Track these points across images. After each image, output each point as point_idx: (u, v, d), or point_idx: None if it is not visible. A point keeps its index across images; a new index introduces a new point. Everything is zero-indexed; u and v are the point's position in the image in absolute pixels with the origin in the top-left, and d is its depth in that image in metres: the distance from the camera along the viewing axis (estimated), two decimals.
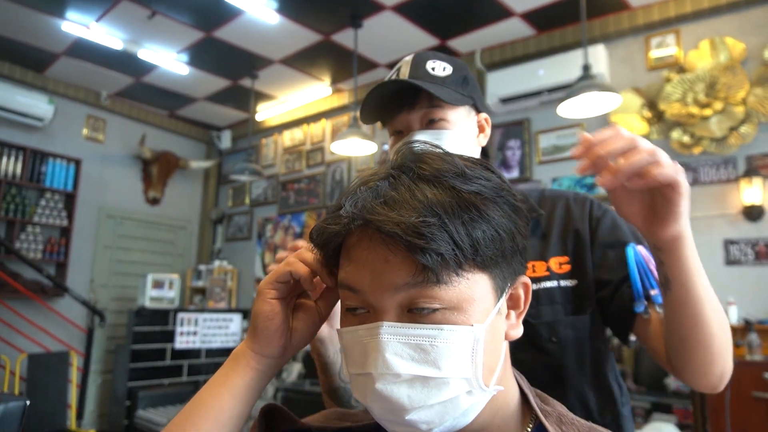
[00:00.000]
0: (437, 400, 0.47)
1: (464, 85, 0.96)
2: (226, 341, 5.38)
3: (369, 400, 0.49)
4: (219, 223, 6.49)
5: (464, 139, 0.94)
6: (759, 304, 3.10)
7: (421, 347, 0.47)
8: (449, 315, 0.47)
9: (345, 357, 0.53)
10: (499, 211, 0.49)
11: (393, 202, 0.47)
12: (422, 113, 0.93)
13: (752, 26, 3.34)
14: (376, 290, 0.48)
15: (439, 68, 0.94)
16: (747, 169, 3.21)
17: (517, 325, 0.54)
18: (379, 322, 0.48)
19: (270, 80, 5.01)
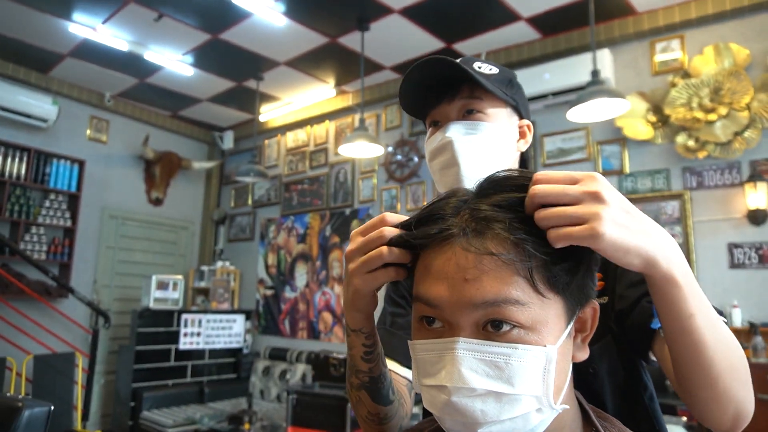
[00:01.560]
0: (509, 416, 0.49)
1: (509, 86, 0.95)
2: (229, 342, 5.40)
3: (442, 412, 0.51)
4: (221, 224, 6.49)
5: (501, 136, 0.92)
6: (763, 307, 3.14)
7: (496, 364, 0.49)
8: (524, 335, 0.49)
9: (417, 368, 0.55)
10: None
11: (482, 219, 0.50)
12: (461, 104, 0.91)
13: (756, 32, 3.39)
14: (455, 307, 0.50)
15: (485, 68, 0.94)
16: (751, 173, 3.25)
17: (583, 347, 0.56)
18: (456, 338, 0.50)
19: (274, 82, 5.02)
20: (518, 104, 0.96)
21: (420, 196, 4.77)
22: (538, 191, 0.48)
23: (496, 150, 0.92)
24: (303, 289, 5.50)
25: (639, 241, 0.48)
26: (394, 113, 5.09)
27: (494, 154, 0.92)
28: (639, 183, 3.68)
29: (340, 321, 5.11)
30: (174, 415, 4.42)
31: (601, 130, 3.87)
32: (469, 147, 0.90)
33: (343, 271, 5.14)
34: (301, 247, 5.62)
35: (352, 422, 2.61)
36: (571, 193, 0.48)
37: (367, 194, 5.15)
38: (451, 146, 0.90)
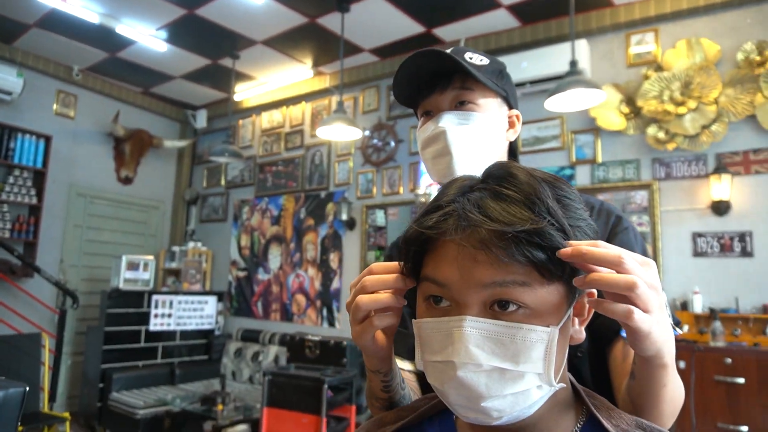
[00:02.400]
0: (511, 391, 0.52)
1: (499, 77, 0.97)
2: (201, 323, 5.36)
3: (447, 386, 0.53)
4: (193, 204, 6.39)
5: (492, 126, 0.95)
6: (723, 294, 3.29)
7: (502, 342, 0.51)
8: (529, 315, 0.52)
9: (421, 345, 0.57)
10: (584, 230, 0.54)
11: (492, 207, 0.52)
12: (453, 95, 0.93)
13: (727, 29, 3.49)
14: (463, 286, 0.53)
15: (476, 59, 0.96)
16: (716, 166, 3.38)
17: (580, 331, 0.59)
18: (464, 316, 0.52)
19: (251, 61, 4.93)
20: (508, 95, 0.98)
21: (396, 180, 4.79)
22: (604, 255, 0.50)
23: (487, 140, 0.95)
24: (276, 271, 5.48)
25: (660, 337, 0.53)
26: (372, 96, 5.07)
27: (485, 143, 0.94)
28: (610, 172, 3.77)
29: (314, 303, 5.13)
30: (144, 397, 4.38)
31: (575, 120, 3.94)
32: (461, 137, 0.92)
33: (317, 253, 5.15)
34: (275, 229, 5.58)
35: (328, 403, 2.64)
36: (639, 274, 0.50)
37: (343, 177, 5.14)
38: (444, 136, 0.93)
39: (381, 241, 4.94)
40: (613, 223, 0.91)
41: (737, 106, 3.35)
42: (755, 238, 3.25)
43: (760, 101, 3.27)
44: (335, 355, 3.19)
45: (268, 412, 2.72)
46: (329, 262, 5.10)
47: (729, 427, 2.89)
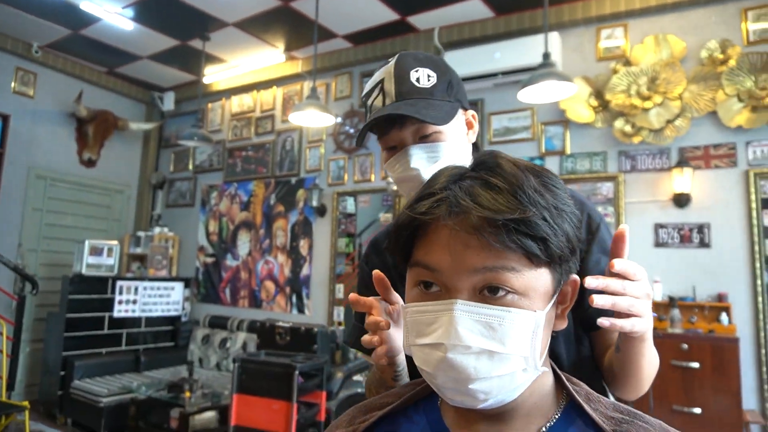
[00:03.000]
0: (498, 374, 0.53)
1: (449, 90, 0.96)
2: (167, 310, 5.28)
3: (436, 368, 0.54)
4: (159, 189, 6.25)
5: (458, 144, 0.96)
6: (681, 283, 3.43)
7: (490, 325, 0.53)
8: (517, 300, 0.53)
9: (411, 329, 0.58)
10: (568, 217, 0.56)
11: (482, 194, 0.53)
12: (414, 129, 0.93)
13: (693, 26, 3.59)
14: (454, 271, 0.54)
15: (423, 78, 0.93)
16: (679, 159, 3.49)
17: (563, 317, 0.61)
18: (454, 300, 0.53)
19: (221, 43, 4.82)
20: (461, 101, 0.98)
21: (368, 168, 4.79)
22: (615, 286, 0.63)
23: (456, 156, 0.95)
24: (245, 258, 5.42)
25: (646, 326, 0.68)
26: (345, 83, 5.03)
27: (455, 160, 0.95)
28: (578, 164, 3.86)
29: (283, 290, 5.10)
30: (108, 384, 4.30)
31: (546, 112, 4.01)
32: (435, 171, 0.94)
33: (287, 240, 5.12)
34: (244, 214, 5.52)
35: (299, 389, 2.65)
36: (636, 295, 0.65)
37: (314, 164, 5.10)
38: (419, 177, 0.93)
39: (351, 228, 4.94)
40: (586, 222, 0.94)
41: (700, 102, 3.46)
42: (713, 229, 3.39)
43: (721, 98, 3.39)
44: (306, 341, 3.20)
45: (237, 398, 2.71)
46: (299, 249, 5.08)
47: (683, 409, 3.02)
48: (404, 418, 0.66)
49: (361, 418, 0.68)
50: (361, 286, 1.07)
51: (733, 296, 3.28)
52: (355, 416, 0.69)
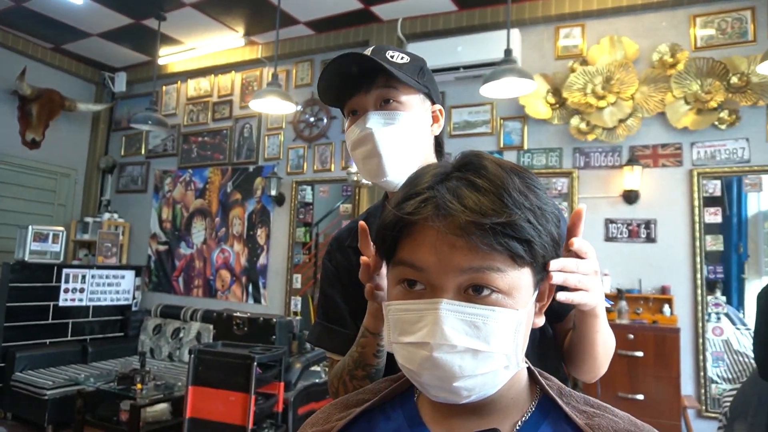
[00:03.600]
0: (482, 371, 0.54)
1: (420, 74, 1.00)
2: (116, 299, 5.11)
3: (420, 367, 0.55)
4: (109, 173, 6.00)
5: (417, 123, 0.98)
6: (629, 276, 3.59)
7: (475, 324, 0.54)
8: (501, 299, 0.54)
9: (394, 327, 0.58)
10: (550, 217, 0.57)
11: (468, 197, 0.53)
12: (377, 94, 0.95)
13: (645, 30, 3.73)
14: (441, 271, 0.54)
15: (397, 57, 0.98)
16: (630, 157, 3.64)
17: (540, 315, 0.62)
18: (439, 299, 0.54)
19: (178, 24, 4.65)
20: (430, 91, 1.01)
21: (328, 157, 4.75)
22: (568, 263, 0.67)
23: (413, 137, 0.98)
24: (200, 246, 5.30)
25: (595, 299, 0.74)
26: (306, 71, 4.96)
27: (412, 141, 0.98)
28: (535, 159, 3.96)
29: (239, 279, 5.02)
30: (53, 376, 4.12)
31: (505, 107, 4.08)
32: (388, 137, 0.95)
33: (244, 229, 5.03)
34: (199, 202, 5.38)
35: (257, 380, 2.62)
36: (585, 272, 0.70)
37: (273, 152, 5.03)
38: (372, 137, 0.95)
39: (309, 217, 4.91)
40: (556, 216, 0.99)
41: (650, 103, 3.61)
42: (659, 225, 3.56)
43: (670, 100, 3.55)
44: (264, 332, 3.16)
45: (193, 390, 2.65)
46: (256, 238, 5.00)
47: (628, 396, 3.18)
48: (381, 414, 0.67)
49: (338, 416, 0.68)
50: (325, 284, 1.06)
51: (675, 289, 3.46)
52: (332, 414, 0.69)
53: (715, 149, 3.49)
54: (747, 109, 3.42)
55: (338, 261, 1.05)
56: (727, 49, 3.51)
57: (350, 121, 1.00)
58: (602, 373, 0.93)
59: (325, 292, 1.06)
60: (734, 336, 3.40)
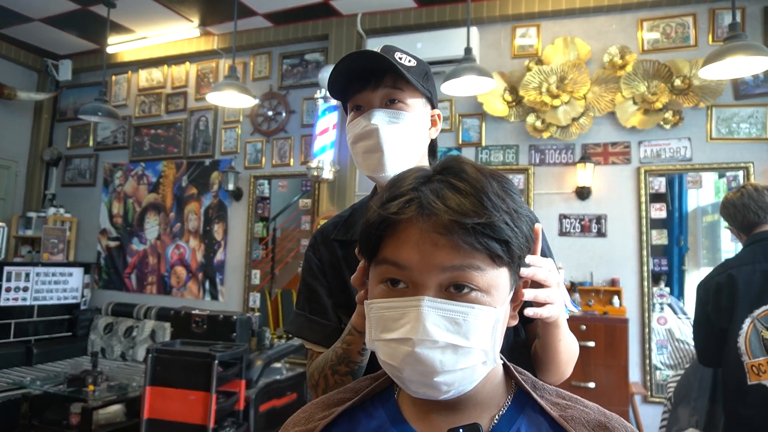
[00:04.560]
0: (461, 366, 0.57)
1: (425, 79, 1.03)
2: (64, 297, 4.90)
3: (403, 362, 0.57)
4: (54, 166, 5.73)
5: (419, 125, 1.02)
6: (581, 269, 3.73)
7: (456, 321, 0.56)
8: (480, 296, 0.57)
9: (375, 325, 0.60)
10: (525, 219, 0.60)
11: (450, 198, 0.56)
12: (384, 93, 0.98)
13: (596, 32, 3.87)
14: (423, 269, 0.56)
15: (405, 59, 1.01)
16: (582, 155, 3.78)
17: (514, 314, 0.66)
18: (422, 296, 0.56)
19: (129, 11, 4.48)
20: (432, 95, 1.06)
21: (287, 151, 4.70)
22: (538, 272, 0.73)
23: (414, 138, 1.02)
24: (153, 242, 5.15)
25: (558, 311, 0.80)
26: (263, 63, 4.88)
27: (413, 141, 1.02)
28: (492, 156, 4.05)
29: (195, 276, 4.91)
30: None
31: (463, 104, 4.15)
32: (392, 134, 0.99)
33: (200, 224, 4.92)
34: (152, 196, 5.22)
35: (218, 379, 2.58)
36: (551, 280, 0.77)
37: (230, 145, 4.93)
38: (376, 133, 0.98)
39: (265, 212, 4.85)
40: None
41: (601, 103, 3.75)
42: (609, 220, 3.72)
43: (619, 100, 3.70)
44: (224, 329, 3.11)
45: (151, 390, 2.59)
46: (213, 233, 4.90)
47: (581, 384, 3.32)
48: (363, 413, 0.68)
49: (320, 415, 0.69)
50: (308, 276, 1.07)
51: (623, 281, 3.63)
52: (314, 413, 0.70)
53: (661, 148, 3.67)
54: (689, 110, 3.61)
55: (322, 254, 1.07)
56: (671, 53, 3.69)
57: (353, 116, 1.02)
58: (566, 376, 0.98)
59: (308, 283, 1.07)
60: (676, 325, 3.60)
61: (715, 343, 1.92)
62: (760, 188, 1.96)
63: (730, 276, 1.87)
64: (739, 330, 1.83)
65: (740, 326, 1.83)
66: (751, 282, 1.83)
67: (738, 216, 1.97)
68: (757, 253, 1.86)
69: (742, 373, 1.80)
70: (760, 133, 3.48)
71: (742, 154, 3.51)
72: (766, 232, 1.91)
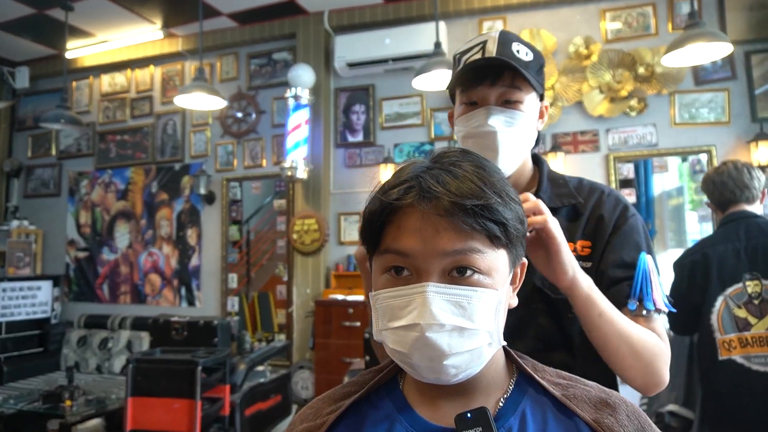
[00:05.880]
0: (468, 348, 0.58)
1: (539, 73, 1.01)
2: (33, 312, 4.75)
3: (412, 348, 0.58)
4: (15, 177, 5.53)
5: (531, 123, 1.01)
6: None
7: (460, 304, 0.58)
8: (482, 279, 0.59)
9: (382, 314, 0.61)
10: (516, 204, 0.62)
11: (450, 182, 0.57)
12: (501, 91, 0.97)
13: (561, 24, 3.94)
14: (426, 255, 0.57)
15: (523, 52, 0.98)
16: (553, 145, 3.85)
17: (514, 296, 0.68)
18: (426, 282, 0.57)
19: (88, 14, 4.35)
20: (542, 90, 1.04)
21: (259, 152, 4.65)
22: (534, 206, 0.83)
23: (526, 137, 1.01)
24: (125, 251, 5.03)
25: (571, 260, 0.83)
26: (231, 64, 4.81)
27: (525, 141, 1.01)
28: None
29: (170, 283, 4.82)
30: None
31: (435, 98, 4.17)
32: (508, 137, 0.98)
33: (173, 230, 4.83)
34: (121, 204, 5.09)
35: (202, 385, 2.55)
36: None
37: (200, 149, 4.85)
38: (493, 136, 0.97)
39: (239, 215, 4.80)
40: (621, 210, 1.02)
41: (569, 93, 3.83)
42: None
43: (586, 90, 3.79)
44: (205, 335, 3.07)
45: (133, 401, 2.53)
46: (187, 239, 4.81)
47: None
48: (369, 405, 0.69)
49: (327, 410, 0.69)
50: None
51: None
52: (321, 408, 0.70)
53: (627, 135, 3.77)
54: (653, 97, 3.72)
55: None
56: (633, 42, 3.79)
57: (466, 109, 1.00)
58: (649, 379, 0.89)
59: None
60: None
61: (687, 315, 1.98)
62: (740, 166, 1.98)
63: (705, 254, 1.93)
64: (712, 307, 1.90)
65: (713, 304, 1.90)
66: (724, 261, 1.89)
67: (716, 193, 2.00)
68: (730, 232, 1.93)
69: (714, 349, 1.87)
70: (720, 117, 3.61)
71: (704, 138, 3.63)
72: (740, 212, 1.95)
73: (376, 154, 4.32)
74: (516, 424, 0.61)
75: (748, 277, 1.85)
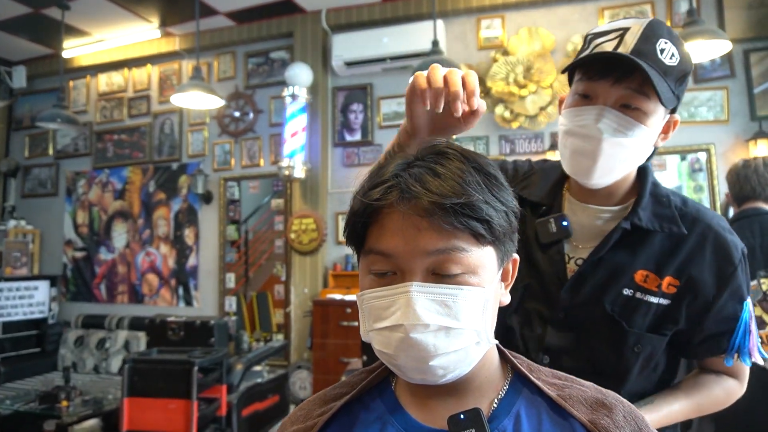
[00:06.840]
0: (455, 348, 0.57)
1: (680, 82, 0.87)
2: (30, 312, 4.73)
3: (397, 349, 0.57)
4: (12, 176, 5.52)
5: (648, 139, 0.87)
6: None
7: (445, 303, 0.56)
8: (467, 278, 0.57)
9: (368, 315, 0.60)
10: (505, 198, 0.60)
11: (430, 181, 0.56)
12: (623, 93, 0.84)
13: (560, 22, 3.93)
14: (409, 255, 0.56)
15: (668, 54, 0.84)
16: (551, 143, 3.84)
17: (506, 294, 0.66)
18: (409, 282, 0.56)
19: (85, 13, 4.33)
20: (679, 100, 0.89)
21: (256, 152, 4.64)
22: None
23: (637, 155, 0.89)
24: (122, 250, 5.01)
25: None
26: (228, 63, 4.79)
27: (633, 158, 0.89)
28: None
29: (168, 283, 4.80)
30: None
31: None
32: (614, 149, 0.86)
33: (170, 229, 4.81)
34: (119, 203, 5.08)
35: (198, 385, 2.53)
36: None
37: (198, 148, 4.83)
38: (596, 142, 0.85)
39: (236, 215, 4.78)
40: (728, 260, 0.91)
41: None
42: None
43: None
44: (202, 335, 3.06)
45: (129, 402, 2.52)
46: (184, 238, 4.80)
47: None
48: (360, 406, 0.67)
49: (318, 411, 0.68)
50: None
51: None
52: (312, 410, 0.69)
53: None
54: None
55: None
56: None
57: (576, 101, 0.88)
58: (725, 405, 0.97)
59: None
60: None
61: None
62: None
63: None
64: None
65: None
66: None
67: (737, 186, 1.97)
68: (744, 229, 1.88)
69: None
70: (719, 116, 3.60)
71: (703, 137, 3.61)
72: (755, 208, 1.92)
73: (374, 153, 4.30)
74: (510, 425, 0.60)
75: (762, 274, 1.81)
